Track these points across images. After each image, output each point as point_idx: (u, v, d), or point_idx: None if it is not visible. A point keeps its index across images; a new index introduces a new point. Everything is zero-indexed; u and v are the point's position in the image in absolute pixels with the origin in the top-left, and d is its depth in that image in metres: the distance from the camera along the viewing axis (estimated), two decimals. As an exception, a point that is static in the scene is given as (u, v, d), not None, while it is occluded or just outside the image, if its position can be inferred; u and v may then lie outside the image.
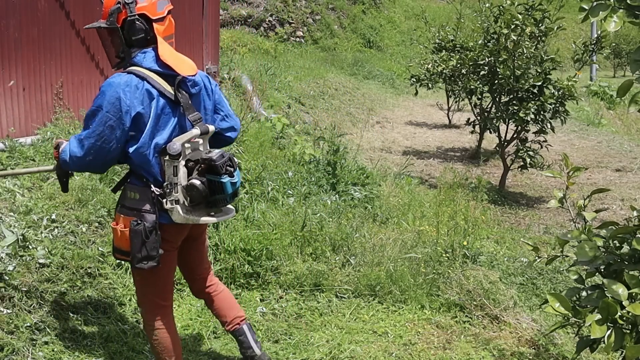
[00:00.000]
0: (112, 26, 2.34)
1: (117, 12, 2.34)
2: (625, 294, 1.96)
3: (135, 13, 2.32)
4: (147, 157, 2.31)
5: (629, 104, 2.01)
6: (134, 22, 2.32)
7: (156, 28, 2.36)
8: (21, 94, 4.97)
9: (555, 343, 3.37)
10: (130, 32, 2.33)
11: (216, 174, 2.32)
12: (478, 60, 7.07)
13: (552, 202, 2.47)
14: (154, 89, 2.29)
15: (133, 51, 2.36)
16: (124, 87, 2.25)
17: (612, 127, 12.56)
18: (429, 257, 4.10)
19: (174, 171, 2.30)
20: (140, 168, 2.35)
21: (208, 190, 2.33)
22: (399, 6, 20.71)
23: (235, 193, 2.41)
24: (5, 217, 3.51)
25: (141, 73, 2.29)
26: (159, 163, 2.33)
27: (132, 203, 2.38)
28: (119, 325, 3.22)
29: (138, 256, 2.32)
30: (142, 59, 2.34)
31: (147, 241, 2.30)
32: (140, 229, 2.30)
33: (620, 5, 1.90)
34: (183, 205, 2.35)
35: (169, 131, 2.33)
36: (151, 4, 2.36)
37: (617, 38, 20.74)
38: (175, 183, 2.30)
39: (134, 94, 2.25)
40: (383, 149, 8.81)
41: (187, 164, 2.34)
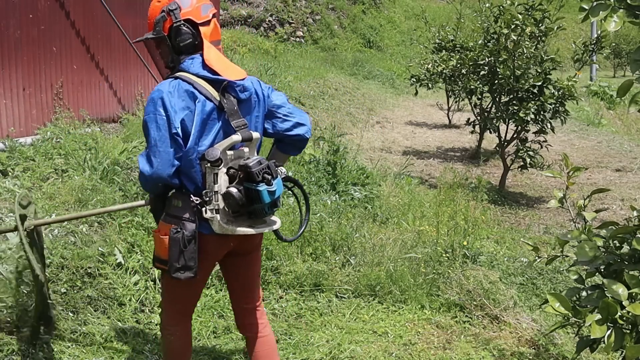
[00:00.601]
0: (159, 35, 2.33)
1: (163, 20, 2.32)
2: (625, 294, 1.96)
3: (181, 19, 2.30)
4: (193, 163, 2.25)
5: (629, 104, 2.01)
6: (180, 28, 2.30)
7: (203, 32, 2.32)
8: (21, 94, 4.97)
9: (555, 343, 3.37)
10: (177, 39, 2.31)
11: (252, 181, 2.22)
12: (478, 60, 7.07)
13: (552, 202, 2.48)
14: (200, 94, 2.24)
15: (182, 58, 2.33)
16: (168, 90, 2.22)
17: (612, 127, 12.57)
18: (429, 257, 4.10)
19: (214, 179, 2.23)
20: (184, 175, 2.28)
21: (245, 199, 2.23)
22: (399, 6, 20.71)
23: (275, 203, 2.29)
24: (5, 217, 3.51)
25: (187, 78, 2.26)
26: (202, 170, 2.27)
27: (175, 211, 2.32)
28: (119, 325, 3.22)
29: (175, 265, 2.25)
30: (190, 65, 2.30)
31: (185, 250, 2.24)
32: (179, 237, 2.23)
33: (621, 5, 1.90)
34: (224, 215, 2.26)
35: (212, 137, 2.26)
36: (195, 8, 2.33)
37: (617, 38, 20.75)
38: (216, 191, 2.23)
39: (180, 97, 2.22)
40: (383, 149, 8.81)
41: (229, 172, 2.26)
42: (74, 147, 4.62)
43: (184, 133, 2.22)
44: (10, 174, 4.08)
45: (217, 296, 3.66)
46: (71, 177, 4.17)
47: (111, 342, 3.09)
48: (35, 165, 4.23)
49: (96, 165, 4.42)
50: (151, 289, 3.60)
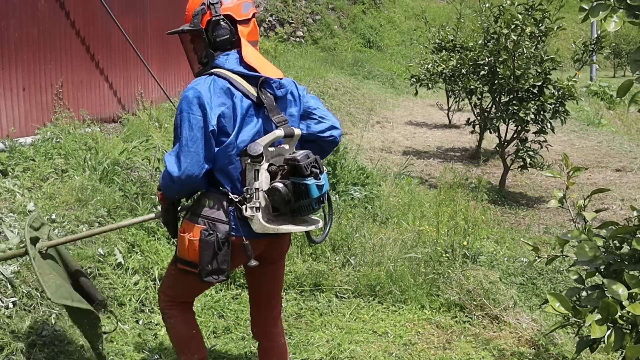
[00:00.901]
0: (197, 28, 2.27)
1: (202, 13, 2.26)
2: (625, 294, 1.96)
3: (221, 14, 2.25)
4: (232, 159, 2.18)
5: (629, 104, 2.01)
6: (219, 23, 2.24)
7: (240, 30, 2.27)
8: (21, 94, 4.97)
9: (555, 343, 3.37)
10: (214, 34, 2.25)
11: (301, 175, 2.13)
12: (478, 60, 7.07)
13: (552, 202, 2.47)
14: (236, 90, 2.19)
15: (216, 54, 2.27)
16: (204, 86, 2.16)
17: (612, 127, 12.56)
18: (429, 257, 4.10)
19: (255, 175, 2.14)
20: (221, 172, 2.20)
21: (292, 194, 2.14)
22: (399, 6, 20.71)
23: (321, 199, 2.19)
24: (5, 217, 3.51)
25: (223, 74, 2.20)
26: (241, 167, 2.19)
27: (205, 211, 2.23)
28: (119, 325, 3.22)
29: (207, 269, 2.17)
30: (225, 61, 2.24)
31: (219, 253, 2.16)
32: (212, 240, 2.16)
33: (620, 5, 1.90)
34: (264, 213, 2.17)
35: (252, 133, 2.20)
36: (236, 5, 2.28)
37: (617, 38, 20.76)
38: (257, 188, 2.14)
39: (216, 93, 2.16)
40: (383, 149, 8.81)
41: (270, 168, 2.18)
42: (74, 147, 4.63)
43: (220, 130, 2.16)
44: (10, 174, 4.08)
45: (217, 296, 3.66)
46: (71, 177, 4.17)
47: (111, 342, 3.09)
48: (35, 165, 4.23)
49: (96, 165, 4.42)
50: (151, 289, 3.60)
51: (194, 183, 2.17)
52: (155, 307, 3.51)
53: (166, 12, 7.26)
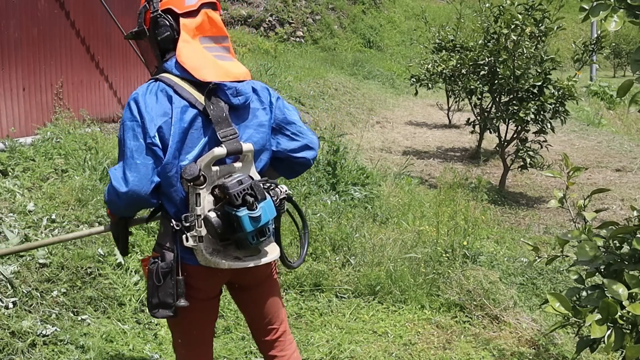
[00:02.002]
0: (140, 28, 2.01)
1: (144, 10, 2.00)
2: (625, 294, 1.96)
3: (159, 9, 1.96)
4: (172, 181, 1.88)
5: (629, 104, 2.01)
6: (157, 19, 1.96)
7: (183, 24, 1.93)
8: (21, 94, 4.98)
9: (555, 343, 3.37)
10: (155, 32, 1.96)
11: (231, 205, 1.81)
12: (478, 60, 7.08)
13: (552, 202, 2.47)
14: (181, 99, 1.88)
15: (167, 57, 1.98)
16: (143, 93, 1.89)
17: (612, 127, 12.57)
18: (429, 257, 4.10)
19: (196, 200, 1.85)
20: (164, 195, 1.93)
21: (226, 225, 1.83)
22: (399, 6, 20.72)
23: (262, 231, 1.85)
24: (5, 217, 3.51)
25: (168, 80, 1.91)
26: (185, 189, 1.90)
27: (158, 237, 2.01)
28: (118, 325, 3.22)
29: (152, 302, 1.93)
30: (173, 65, 1.94)
31: (160, 285, 1.91)
32: (153, 269, 1.91)
33: (621, 5, 1.89)
34: (208, 243, 1.89)
35: (199, 150, 1.89)
36: None
37: (617, 38, 20.76)
38: (199, 215, 1.85)
39: (155, 101, 1.88)
40: (383, 149, 8.81)
41: (214, 192, 1.87)
42: (74, 147, 4.63)
43: (163, 144, 1.86)
44: (10, 174, 4.08)
45: (217, 296, 3.66)
46: (71, 177, 4.17)
47: (111, 342, 3.09)
48: (35, 165, 4.23)
49: (96, 165, 4.42)
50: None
51: (141, 200, 1.88)
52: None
53: (166, 12, 7.26)
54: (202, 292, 2.01)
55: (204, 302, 2.05)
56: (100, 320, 3.20)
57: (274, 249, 2.00)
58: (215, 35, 1.99)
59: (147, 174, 1.85)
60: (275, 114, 2.07)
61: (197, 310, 2.02)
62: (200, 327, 2.10)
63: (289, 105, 2.14)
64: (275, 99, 2.09)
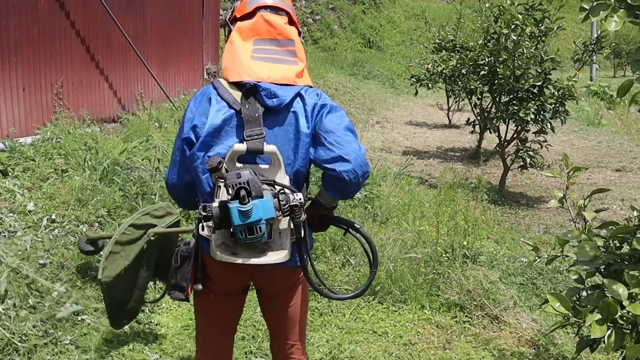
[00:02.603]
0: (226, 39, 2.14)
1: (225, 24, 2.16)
2: (625, 294, 1.96)
3: (228, 18, 2.11)
4: (197, 171, 1.97)
5: (629, 104, 2.01)
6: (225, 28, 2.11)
7: (237, 27, 2.03)
8: (21, 94, 4.98)
9: (555, 343, 3.37)
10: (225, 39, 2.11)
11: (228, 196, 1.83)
12: (478, 60, 7.07)
13: (552, 202, 2.47)
14: (221, 100, 1.96)
15: None
16: (194, 96, 2.04)
17: (612, 127, 12.57)
18: (429, 257, 4.10)
19: (216, 192, 1.90)
20: (195, 185, 2.03)
21: (222, 217, 1.82)
22: (399, 6, 20.72)
23: (250, 228, 1.79)
24: (5, 217, 3.51)
25: (216, 82, 2.01)
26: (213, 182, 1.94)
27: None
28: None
29: (170, 282, 2.03)
30: None
31: (178, 267, 2.01)
32: (177, 251, 2.02)
33: (621, 5, 1.90)
34: (220, 236, 1.89)
35: (229, 146, 1.94)
36: (242, 4, 2.06)
37: (617, 38, 20.76)
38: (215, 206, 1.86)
39: (198, 103, 2.00)
40: (383, 149, 8.81)
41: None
42: (74, 147, 4.63)
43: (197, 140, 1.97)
44: (10, 174, 4.08)
45: (217, 296, 3.66)
46: (71, 177, 4.17)
47: (111, 342, 3.09)
48: (35, 165, 4.23)
49: (96, 165, 4.42)
50: (151, 289, 3.60)
51: (177, 192, 2.09)
52: (155, 307, 3.51)
53: (166, 12, 7.26)
54: (220, 286, 2.06)
55: (224, 298, 2.10)
56: (100, 320, 3.20)
57: (278, 255, 1.92)
58: (275, 38, 2.03)
59: (179, 170, 2.03)
60: (316, 121, 1.99)
61: (217, 304, 2.09)
62: (221, 323, 2.16)
63: (337, 114, 2.00)
64: (321, 105, 2.00)
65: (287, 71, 2.00)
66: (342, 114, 2.01)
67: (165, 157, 4.82)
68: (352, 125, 2.00)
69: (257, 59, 2.00)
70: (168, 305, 3.57)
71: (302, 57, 2.06)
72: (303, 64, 2.04)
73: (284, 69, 2.00)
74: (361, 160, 1.93)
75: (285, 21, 2.07)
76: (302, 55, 2.06)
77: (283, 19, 2.06)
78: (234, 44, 2.01)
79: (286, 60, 2.02)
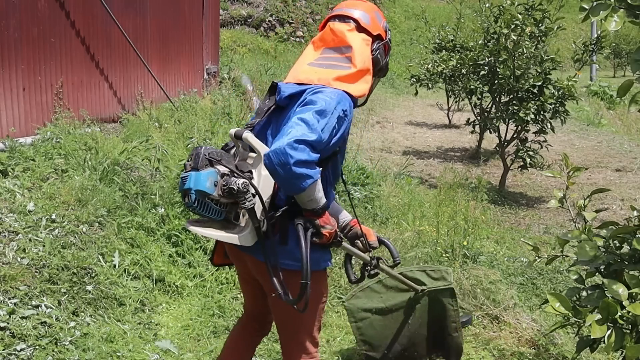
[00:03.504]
0: None
1: None
2: (625, 294, 1.96)
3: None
4: None
5: (629, 104, 2.01)
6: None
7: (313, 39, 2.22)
8: (21, 94, 4.98)
9: (555, 343, 3.37)
10: None
11: None
12: (478, 60, 7.08)
13: (552, 202, 2.47)
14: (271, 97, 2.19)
15: None
16: None
17: (612, 127, 12.57)
18: (429, 257, 4.10)
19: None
20: None
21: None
22: (399, 6, 20.72)
23: (185, 193, 1.88)
24: (5, 217, 3.51)
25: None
26: None
27: None
28: (118, 326, 3.22)
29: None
30: None
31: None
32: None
33: (621, 5, 1.89)
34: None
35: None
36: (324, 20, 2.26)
37: (617, 38, 20.75)
38: None
39: None
40: (383, 149, 8.81)
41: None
42: (74, 147, 4.63)
43: None
44: (10, 174, 4.08)
45: (217, 297, 3.66)
46: (71, 177, 4.17)
47: (111, 342, 3.09)
48: (35, 165, 4.23)
49: (96, 165, 4.42)
50: (151, 288, 3.60)
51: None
52: (155, 307, 3.51)
53: (166, 12, 7.26)
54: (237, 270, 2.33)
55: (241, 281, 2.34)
56: (100, 320, 3.20)
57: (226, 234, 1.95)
58: (337, 46, 2.10)
59: None
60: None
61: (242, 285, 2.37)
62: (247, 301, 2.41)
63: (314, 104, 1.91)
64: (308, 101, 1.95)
65: (329, 74, 2.03)
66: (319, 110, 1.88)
67: (165, 157, 4.82)
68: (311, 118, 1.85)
69: (314, 65, 2.08)
70: (168, 306, 3.57)
71: (357, 62, 2.06)
72: (355, 69, 2.05)
73: (327, 72, 2.04)
74: (280, 147, 1.75)
75: (350, 28, 2.12)
76: (357, 60, 2.06)
77: (348, 26, 2.12)
78: (304, 52, 2.18)
79: (340, 66, 2.06)
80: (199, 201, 1.87)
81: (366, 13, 2.15)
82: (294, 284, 1.94)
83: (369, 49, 2.11)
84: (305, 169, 1.77)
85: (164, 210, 4.07)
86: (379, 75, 2.23)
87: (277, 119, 2.06)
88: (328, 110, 1.89)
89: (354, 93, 2.03)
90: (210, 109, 6.98)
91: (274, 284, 1.94)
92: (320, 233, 1.94)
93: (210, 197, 1.88)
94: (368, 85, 2.08)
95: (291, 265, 1.98)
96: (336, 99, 1.93)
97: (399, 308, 2.97)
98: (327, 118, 1.87)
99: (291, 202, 1.96)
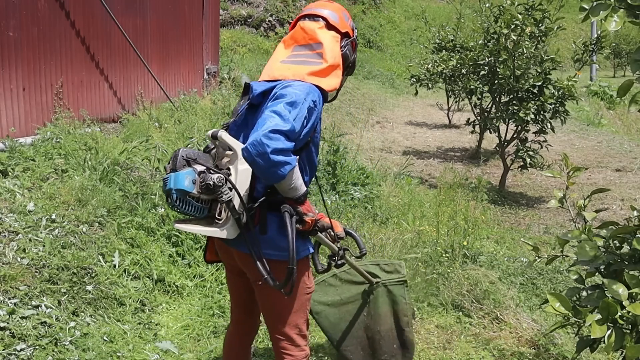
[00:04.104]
0: None
1: None
2: (625, 294, 1.96)
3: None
4: None
5: (629, 104, 2.01)
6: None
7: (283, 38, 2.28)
8: (21, 94, 4.98)
9: (555, 343, 3.37)
10: None
11: None
12: (478, 60, 7.08)
13: (552, 202, 2.47)
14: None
15: None
16: None
17: (612, 127, 12.57)
18: (429, 257, 4.10)
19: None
20: None
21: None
22: (399, 6, 20.72)
23: (168, 194, 1.96)
24: (5, 217, 3.51)
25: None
26: None
27: None
28: (119, 326, 3.22)
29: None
30: None
31: None
32: None
33: (621, 5, 1.89)
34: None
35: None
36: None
37: (617, 38, 20.77)
38: None
39: None
40: (383, 149, 8.81)
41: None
42: (74, 147, 4.63)
43: None
44: (10, 174, 4.08)
45: (217, 297, 3.66)
46: (71, 177, 4.17)
47: (111, 342, 3.09)
48: (35, 165, 4.23)
49: (96, 165, 4.42)
50: (151, 288, 3.60)
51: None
52: (155, 307, 3.51)
53: (166, 12, 7.26)
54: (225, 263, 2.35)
55: (229, 274, 2.37)
56: (101, 321, 3.20)
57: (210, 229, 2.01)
58: (308, 43, 2.17)
59: None
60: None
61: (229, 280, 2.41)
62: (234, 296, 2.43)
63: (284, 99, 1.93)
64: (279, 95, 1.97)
65: (302, 70, 2.09)
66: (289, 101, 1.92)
67: (165, 157, 4.82)
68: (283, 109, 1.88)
69: (287, 62, 2.14)
70: (168, 306, 3.57)
71: (328, 57, 2.13)
72: (326, 64, 2.11)
73: (300, 68, 2.10)
74: (257, 138, 1.79)
75: (320, 26, 2.20)
76: (328, 55, 2.13)
77: (318, 24, 2.21)
78: (275, 51, 2.22)
79: (312, 62, 2.12)
80: (181, 199, 1.95)
81: (334, 12, 2.27)
82: (278, 273, 2.02)
83: (338, 45, 2.20)
84: (282, 156, 1.82)
85: (164, 210, 4.07)
86: (348, 72, 2.32)
87: (252, 117, 2.11)
88: (298, 101, 1.94)
89: (326, 87, 2.09)
90: (210, 109, 6.99)
91: (259, 269, 1.99)
92: (303, 220, 2.03)
93: (191, 195, 1.95)
94: (339, 80, 2.16)
95: (273, 255, 2.05)
96: (305, 91, 1.99)
97: (354, 300, 2.99)
98: (297, 109, 1.92)
99: (268, 193, 2.04)
